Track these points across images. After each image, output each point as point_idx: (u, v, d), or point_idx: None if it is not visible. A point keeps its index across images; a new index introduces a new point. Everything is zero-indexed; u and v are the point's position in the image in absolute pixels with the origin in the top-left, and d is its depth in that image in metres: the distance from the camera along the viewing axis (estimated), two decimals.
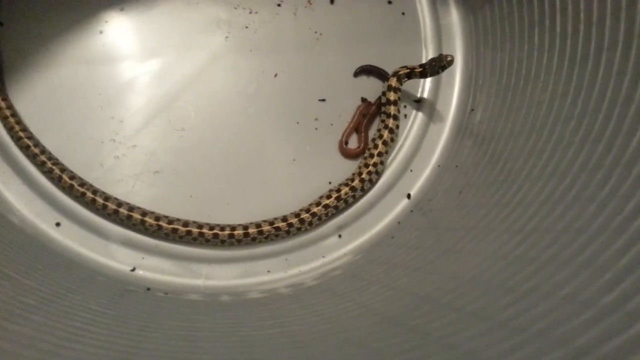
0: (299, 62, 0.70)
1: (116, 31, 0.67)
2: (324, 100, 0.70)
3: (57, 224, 0.59)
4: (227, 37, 0.69)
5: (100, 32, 0.67)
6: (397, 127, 0.69)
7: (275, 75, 0.69)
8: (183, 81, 0.67)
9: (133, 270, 0.59)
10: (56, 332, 0.33)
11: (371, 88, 0.71)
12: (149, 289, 0.57)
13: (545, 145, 0.52)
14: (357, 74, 0.71)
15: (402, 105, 0.71)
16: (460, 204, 0.60)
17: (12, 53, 0.64)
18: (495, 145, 0.62)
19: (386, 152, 0.68)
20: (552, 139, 0.51)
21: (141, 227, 0.59)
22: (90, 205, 0.59)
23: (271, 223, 0.62)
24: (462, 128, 0.71)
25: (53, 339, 0.32)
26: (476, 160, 0.64)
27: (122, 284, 0.56)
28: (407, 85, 0.70)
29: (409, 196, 0.68)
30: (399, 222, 0.66)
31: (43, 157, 0.60)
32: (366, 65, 0.71)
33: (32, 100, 0.63)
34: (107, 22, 0.67)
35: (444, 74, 0.69)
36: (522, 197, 0.50)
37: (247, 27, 0.70)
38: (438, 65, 0.66)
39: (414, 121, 0.72)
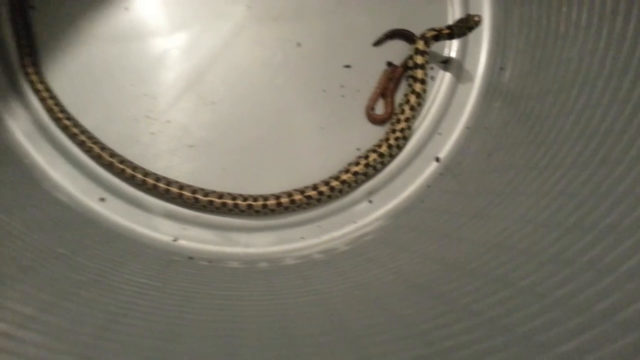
0: (323, 29, 0.70)
1: (141, 7, 0.68)
2: (349, 66, 0.70)
3: (102, 199, 0.63)
4: (249, 6, 0.69)
5: (126, 8, 0.68)
6: (425, 91, 0.69)
7: (299, 44, 0.69)
8: (210, 54, 0.68)
9: (175, 240, 0.63)
10: (108, 307, 0.37)
11: (397, 51, 0.71)
12: (191, 257, 0.60)
13: (573, 106, 0.51)
14: (378, 42, 0.71)
15: (429, 67, 0.71)
16: (489, 166, 0.60)
17: (44, 36, 0.66)
18: (524, 105, 0.61)
19: (413, 117, 0.68)
20: (580, 98, 0.51)
21: (179, 200, 0.62)
22: (130, 180, 0.63)
23: (302, 192, 0.63)
24: (491, 88, 0.70)
25: (105, 315, 0.35)
26: (505, 121, 0.64)
27: (166, 254, 0.60)
28: (434, 44, 0.69)
29: (437, 159, 0.69)
30: (428, 186, 0.67)
31: (83, 137, 0.63)
32: (388, 32, 0.70)
33: (67, 81, 0.66)
34: None
35: (472, 33, 0.68)
36: (549, 160, 0.50)
37: None
38: (465, 26, 0.65)
39: (441, 82, 0.72)
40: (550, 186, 0.46)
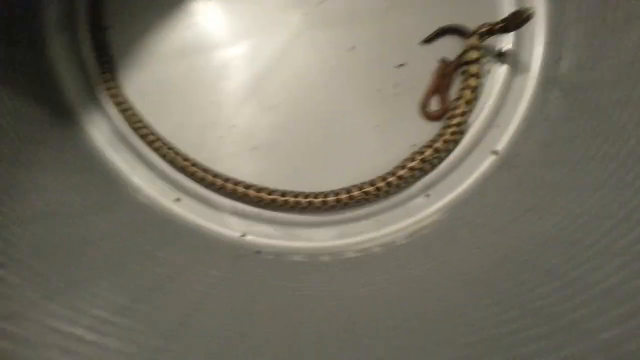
0: (375, 30, 0.72)
1: (204, 22, 0.73)
2: (402, 65, 0.72)
3: (177, 200, 0.69)
4: (306, 13, 0.73)
5: (190, 25, 0.73)
6: (480, 85, 0.70)
7: (353, 47, 0.72)
8: (269, 62, 0.72)
9: (243, 236, 0.67)
10: (187, 299, 0.41)
11: (450, 47, 0.71)
12: (258, 252, 0.65)
13: (630, 96, 0.51)
14: (428, 40, 0.72)
15: (484, 61, 0.71)
16: (546, 159, 0.60)
17: (120, 53, 0.73)
18: (582, 96, 0.61)
19: (469, 111, 0.69)
20: (637, 88, 0.50)
21: (245, 198, 0.67)
22: (202, 182, 0.68)
23: (360, 188, 0.66)
24: (548, 79, 0.69)
25: (186, 305, 0.40)
26: (563, 112, 0.63)
27: (235, 248, 0.65)
28: (488, 39, 0.70)
29: (495, 152, 0.69)
30: (485, 179, 0.68)
31: (158, 143, 0.69)
32: (439, 29, 0.71)
33: (142, 93, 0.72)
34: (195, 13, 0.73)
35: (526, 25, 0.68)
36: (605, 152, 0.50)
37: (322, 1, 0.73)
38: (520, 19, 0.65)
39: (497, 75, 0.72)
40: (604, 179, 0.46)
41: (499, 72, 0.71)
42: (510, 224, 0.53)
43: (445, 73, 0.70)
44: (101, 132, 0.71)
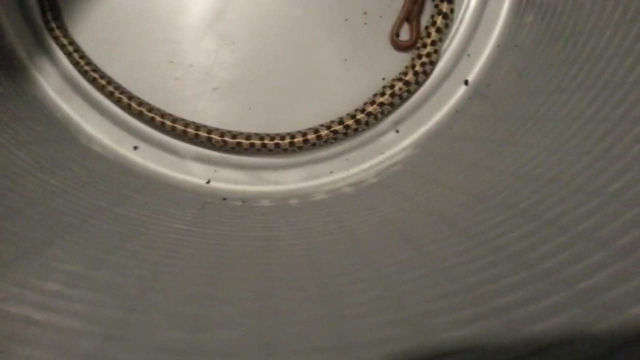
0: None
1: None
2: None
3: (135, 148, 0.65)
4: None
5: None
6: (452, 11, 0.66)
7: None
8: None
9: (208, 182, 0.65)
10: (150, 257, 0.39)
11: None
12: (224, 198, 0.63)
13: (609, 20, 0.48)
14: None
15: None
16: (519, 89, 0.58)
17: None
18: (557, 20, 0.58)
19: (440, 40, 0.66)
20: (617, 11, 0.48)
21: (208, 143, 0.63)
22: (161, 127, 0.64)
23: (328, 127, 0.64)
24: (522, 2, 0.66)
25: (148, 265, 0.38)
26: (537, 38, 0.61)
27: (200, 196, 0.62)
28: None
29: (466, 82, 0.67)
30: (457, 111, 0.66)
31: (110, 88, 0.64)
32: None
33: (89, 33, 0.66)
34: None
35: None
36: (581, 81, 0.48)
37: None
38: None
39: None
40: (580, 110, 0.45)
41: None
42: (482, 159, 0.52)
43: None
44: (48, 79, 0.65)
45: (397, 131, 0.66)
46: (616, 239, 0.30)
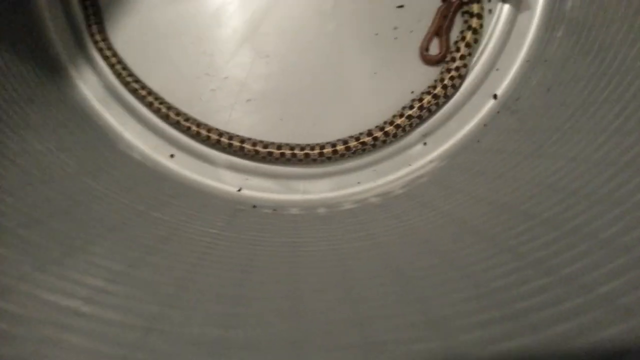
0: None
1: None
2: (402, 6, 0.69)
3: (172, 156, 0.68)
4: None
5: None
6: (481, 26, 0.67)
7: None
8: (263, 7, 0.69)
9: (239, 190, 0.67)
10: (186, 258, 0.41)
11: None
12: (254, 206, 0.65)
13: (638, 35, 0.49)
14: None
15: (486, 0, 0.68)
16: (547, 103, 0.59)
17: (107, 4, 0.70)
18: (586, 35, 0.58)
19: (470, 54, 0.67)
20: None
21: (241, 153, 0.66)
22: (196, 137, 0.67)
23: (357, 138, 0.65)
24: (552, 17, 0.66)
25: (185, 266, 0.40)
26: (566, 53, 0.61)
27: (231, 203, 0.65)
28: None
29: (495, 96, 0.68)
30: (485, 125, 0.67)
31: (150, 98, 0.67)
32: None
33: (131, 45, 0.69)
34: None
35: None
36: (609, 94, 0.49)
37: None
38: None
39: (499, 15, 0.69)
40: (607, 123, 0.45)
41: (502, 11, 0.69)
42: (509, 171, 0.52)
43: (447, 14, 0.68)
44: (91, 89, 0.69)
45: (425, 144, 0.68)
46: (637, 246, 0.31)
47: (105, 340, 0.29)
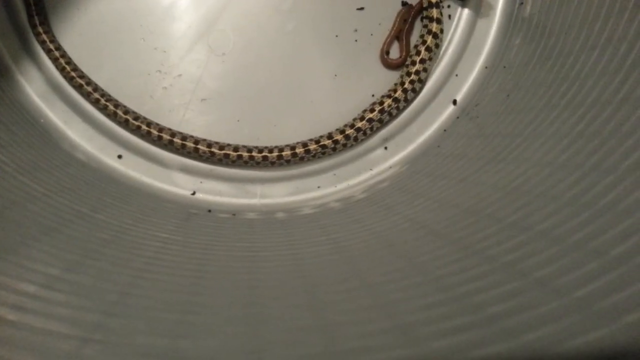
0: None
1: None
2: (362, 8, 0.68)
3: (119, 157, 0.64)
4: None
5: None
6: (442, 31, 0.67)
7: None
8: (219, 3, 0.66)
9: (193, 194, 0.63)
10: (132, 263, 0.38)
11: None
12: (209, 210, 0.61)
13: (597, 41, 0.49)
14: None
15: (445, 5, 0.68)
16: (507, 108, 0.59)
17: None
18: (545, 42, 0.59)
19: (430, 59, 0.66)
20: (604, 33, 0.48)
21: (195, 154, 0.62)
22: (146, 137, 0.63)
23: (317, 141, 0.63)
24: (510, 24, 0.67)
25: (129, 271, 0.36)
26: (525, 59, 0.62)
27: (185, 207, 0.61)
28: None
29: (454, 102, 0.67)
30: (445, 130, 0.66)
31: (96, 95, 0.63)
32: None
33: (77, 39, 0.65)
34: None
35: None
36: (570, 99, 0.49)
37: None
38: None
39: (458, 21, 0.69)
40: (570, 127, 0.45)
41: (461, 17, 0.69)
42: (471, 175, 0.52)
43: (407, 18, 0.67)
44: (32, 84, 0.64)
45: (386, 148, 0.66)
46: (609, 249, 0.30)
47: (36, 352, 0.26)
